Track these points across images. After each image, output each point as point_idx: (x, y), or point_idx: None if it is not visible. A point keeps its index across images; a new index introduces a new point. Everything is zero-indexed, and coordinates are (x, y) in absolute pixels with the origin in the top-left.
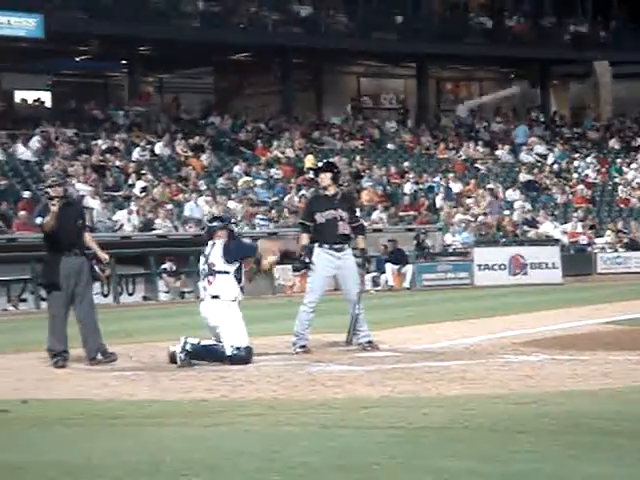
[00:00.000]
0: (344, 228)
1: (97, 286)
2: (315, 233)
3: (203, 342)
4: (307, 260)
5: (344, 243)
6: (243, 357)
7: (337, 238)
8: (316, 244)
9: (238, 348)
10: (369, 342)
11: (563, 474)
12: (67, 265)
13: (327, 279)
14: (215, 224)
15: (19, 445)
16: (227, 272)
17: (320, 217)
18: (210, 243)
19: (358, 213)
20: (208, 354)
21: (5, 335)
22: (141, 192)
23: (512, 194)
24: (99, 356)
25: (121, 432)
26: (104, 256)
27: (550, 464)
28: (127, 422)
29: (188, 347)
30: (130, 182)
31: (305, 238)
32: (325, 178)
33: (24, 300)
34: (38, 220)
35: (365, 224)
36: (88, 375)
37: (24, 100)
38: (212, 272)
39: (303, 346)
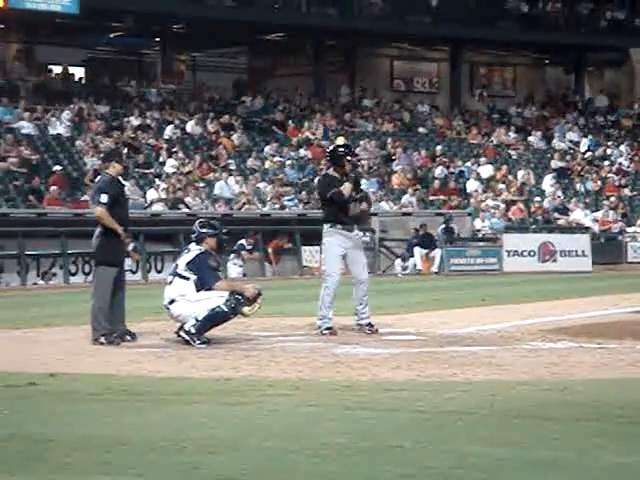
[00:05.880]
0: (354, 209)
1: (127, 263)
2: (328, 212)
3: (200, 316)
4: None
5: (353, 224)
6: (239, 300)
7: (348, 219)
8: (327, 225)
9: (227, 299)
10: (369, 324)
11: (588, 462)
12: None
13: (341, 259)
14: (205, 230)
15: (46, 418)
16: (187, 278)
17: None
18: (190, 247)
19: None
20: (213, 320)
21: (35, 309)
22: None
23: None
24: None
25: (148, 408)
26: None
27: (575, 452)
28: (154, 398)
29: (192, 329)
30: (161, 160)
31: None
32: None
33: (54, 275)
34: (104, 198)
35: (370, 195)
36: (116, 351)
37: (57, 75)
38: (175, 273)
39: (329, 328)
